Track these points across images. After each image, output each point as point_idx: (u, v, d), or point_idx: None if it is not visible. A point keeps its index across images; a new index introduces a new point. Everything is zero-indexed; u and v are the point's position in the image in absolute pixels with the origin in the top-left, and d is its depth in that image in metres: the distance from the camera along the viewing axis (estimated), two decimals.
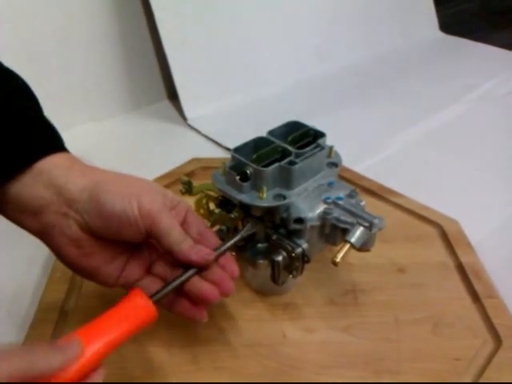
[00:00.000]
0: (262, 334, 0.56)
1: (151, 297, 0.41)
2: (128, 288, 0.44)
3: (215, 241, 0.47)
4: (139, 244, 0.46)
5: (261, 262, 0.53)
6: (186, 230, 0.45)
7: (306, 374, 0.52)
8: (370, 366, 0.52)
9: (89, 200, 0.41)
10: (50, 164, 0.42)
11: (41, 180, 0.41)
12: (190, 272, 0.44)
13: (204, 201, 0.57)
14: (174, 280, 0.43)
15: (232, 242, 0.48)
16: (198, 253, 0.43)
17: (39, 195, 0.41)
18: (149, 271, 0.47)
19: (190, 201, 0.58)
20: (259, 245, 0.53)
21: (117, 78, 1.02)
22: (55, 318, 0.55)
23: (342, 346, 0.55)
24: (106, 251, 0.44)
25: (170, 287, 0.43)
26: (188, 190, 0.59)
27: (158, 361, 0.52)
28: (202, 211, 0.58)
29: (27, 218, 0.42)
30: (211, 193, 0.56)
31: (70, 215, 0.42)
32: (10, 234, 0.69)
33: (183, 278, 0.43)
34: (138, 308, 0.41)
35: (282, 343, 0.55)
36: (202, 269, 0.44)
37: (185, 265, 0.44)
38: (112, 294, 0.58)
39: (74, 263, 0.44)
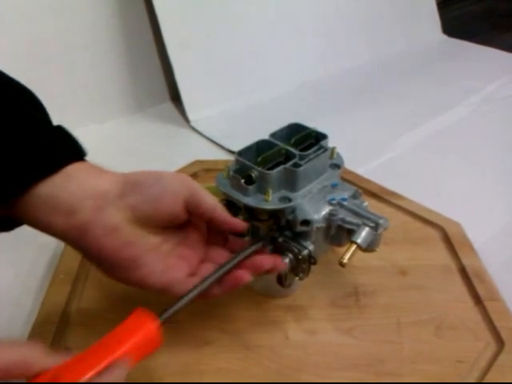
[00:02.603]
0: (265, 335, 0.56)
1: (160, 316, 0.41)
2: (169, 291, 0.44)
3: None
4: (182, 234, 0.47)
5: None
6: None
7: (307, 376, 0.52)
8: (372, 368, 0.52)
9: (124, 185, 0.43)
10: (79, 168, 0.42)
11: (72, 180, 0.41)
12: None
13: None
14: (189, 292, 0.44)
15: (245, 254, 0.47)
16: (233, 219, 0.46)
17: (72, 193, 0.41)
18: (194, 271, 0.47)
19: None
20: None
21: (120, 80, 1.02)
22: (57, 320, 0.55)
23: (345, 348, 0.55)
24: (148, 238, 0.44)
25: (182, 302, 0.43)
26: None
27: (160, 362, 0.52)
28: None
29: (58, 218, 0.41)
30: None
31: (105, 207, 0.41)
32: (14, 236, 0.70)
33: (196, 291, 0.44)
34: (141, 336, 0.39)
35: (285, 345, 0.55)
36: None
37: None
38: (114, 296, 0.59)
39: (114, 255, 0.42)
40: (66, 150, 0.43)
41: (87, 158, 0.44)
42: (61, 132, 0.44)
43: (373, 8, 1.31)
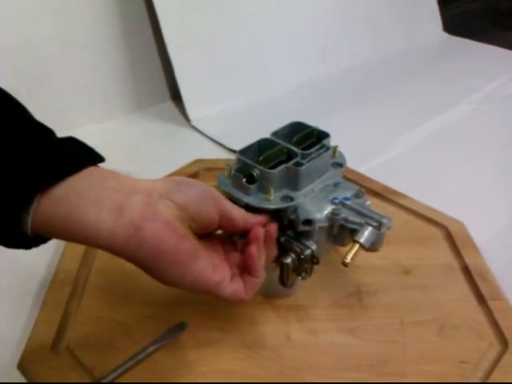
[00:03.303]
0: (266, 335, 0.55)
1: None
2: (218, 291, 0.43)
3: None
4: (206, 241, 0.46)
5: None
6: None
7: (309, 377, 0.51)
8: (375, 369, 0.52)
9: (166, 183, 0.42)
10: (109, 172, 0.41)
11: (109, 179, 0.40)
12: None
13: None
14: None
15: None
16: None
17: (115, 189, 0.39)
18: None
19: None
20: None
21: (120, 79, 1.02)
22: (58, 321, 0.55)
23: (347, 348, 0.54)
24: (195, 235, 0.43)
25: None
26: None
27: (161, 362, 0.52)
28: None
29: (106, 217, 0.38)
30: None
31: (153, 204, 0.40)
32: None
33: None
34: None
35: (286, 345, 0.54)
36: None
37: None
38: (114, 296, 0.59)
39: (175, 248, 0.40)
40: (87, 152, 0.41)
41: None
42: (76, 140, 0.41)
43: (373, 7, 1.30)
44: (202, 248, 0.43)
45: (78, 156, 0.39)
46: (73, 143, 0.40)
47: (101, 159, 0.41)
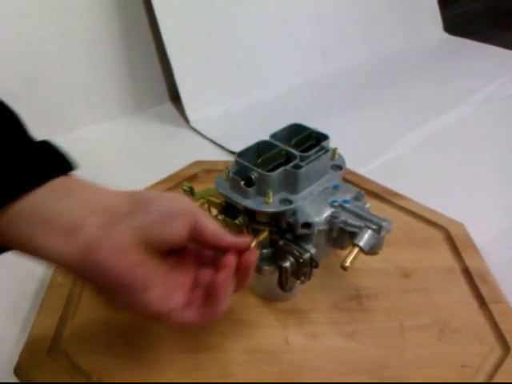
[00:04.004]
0: (265, 340, 0.55)
1: None
2: (167, 319, 0.41)
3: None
4: (175, 257, 0.44)
5: (266, 267, 0.52)
6: None
7: (308, 381, 0.51)
8: (375, 373, 0.52)
9: (132, 202, 0.40)
10: (77, 182, 0.39)
11: (73, 194, 0.38)
12: None
13: (205, 206, 0.56)
14: None
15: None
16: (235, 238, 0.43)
17: (75, 208, 0.37)
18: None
19: None
20: (264, 250, 0.52)
21: (119, 80, 1.01)
22: (55, 324, 0.55)
23: (346, 352, 0.54)
24: (152, 260, 0.40)
25: None
26: (190, 195, 0.58)
27: (159, 367, 0.52)
28: None
29: (58, 237, 0.37)
30: (213, 198, 0.55)
31: (114, 223, 0.38)
32: None
33: None
34: None
35: (285, 349, 0.54)
36: None
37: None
38: None
39: (126, 276, 0.38)
40: (56, 161, 0.39)
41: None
42: (48, 145, 0.39)
43: (373, 6, 1.30)
44: (159, 274, 0.41)
45: (46, 167, 0.38)
46: (44, 149, 0.39)
47: (71, 168, 0.40)
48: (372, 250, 0.49)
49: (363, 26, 1.29)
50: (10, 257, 0.66)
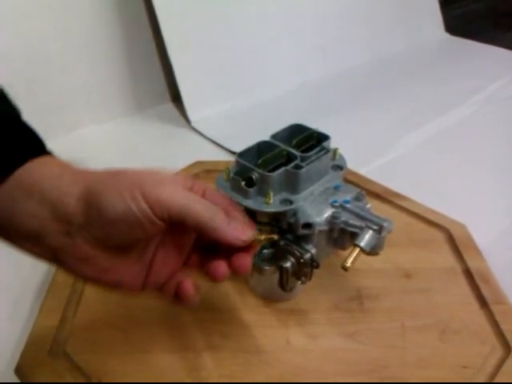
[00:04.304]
0: (266, 340, 0.55)
1: None
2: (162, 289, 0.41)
3: (243, 220, 0.42)
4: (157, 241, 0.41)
5: (267, 268, 0.52)
6: None
7: (309, 382, 0.51)
8: (375, 374, 0.51)
9: (87, 210, 0.36)
10: (38, 174, 0.37)
11: (32, 195, 0.36)
12: None
13: None
14: None
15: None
16: (234, 231, 0.38)
17: (33, 214, 0.36)
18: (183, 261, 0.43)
19: None
20: (265, 250, 0.52)
21: (120, 80, 1.01)
22: (56, 324, 0.55)
23: (347, 352, 0.54)
24: (126, 259, 0.39)
25: None
26: None
27: (159, 367, 0.51)
28: None
29: (28, 243, 0.37)
30: None
31: (72, 233, 0.36)
32: None
33: None
34: None
35: (286, 350, 0.54)
36: None
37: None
38: (114, 299, 0.58)
39: (96, 281, 0.39)
40: (23, 146, 0.38)
41: None
42: (16, 127, 0.39)
43: (374, 7, 1.30)
44: (128, 275, 0.40)
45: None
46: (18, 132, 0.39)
47: (39, 151, 0.39)
48: (373, 251, 0.49)
49: (364, 27, 1.29)
50: (11, 257, 0.66)
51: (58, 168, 0.38)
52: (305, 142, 0.54)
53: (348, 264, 0.47)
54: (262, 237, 0.39)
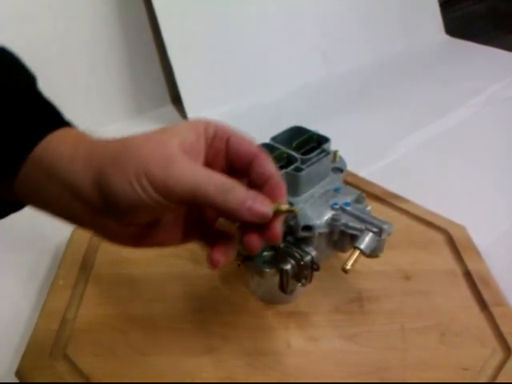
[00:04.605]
0: (266, 342, 0.55)
1: None
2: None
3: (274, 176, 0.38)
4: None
5: (267, 270, 0.52)
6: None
7: (309, 382, 0.51)
8: (376, 376, 0.51)
9: (102, 197, 0.35)
10: (53, 154, 0.36)
11: (51, 177, 0.36)
12: None
13: None
14: None
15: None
16: (251, 208, 0.34)
17: (57, 195, 0.36)
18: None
19: None
20: (265, 253, 0.52)
21: (120, 82, 1.01)
22: (57, 327, 0.55)
23: (348, 355, 0.54)
24: (158, 227, 0.38)
25: None
26: None
27: (160, 369, 0.52)
28: None
29: (66, 219, 0.37)
30: None
31: (96, 211, 0.35)
32: (14, 241, 0.69)
33: None
34: None
35: (287, 352, 0.54)
36: None
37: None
38: (112, 303, 0.58)
39: (134, 247, 0.38)
40: (37, 121, 0.38)
41: None
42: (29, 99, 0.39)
43: (374, 8, 1.30)
44: (165, 236, 0.39)
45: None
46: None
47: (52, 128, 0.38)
48: (373, 253, 0.49)
49: (364, 28, 1.29)
50: (11, 260, 0.66)
51: (71, 147, 0.36)
52: (305, 144, 0.54)
53: (348, 266, 0.47)
54: (284, 208, 0.36)
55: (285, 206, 0.37)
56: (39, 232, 0.70)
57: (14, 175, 0.36)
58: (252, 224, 0.36)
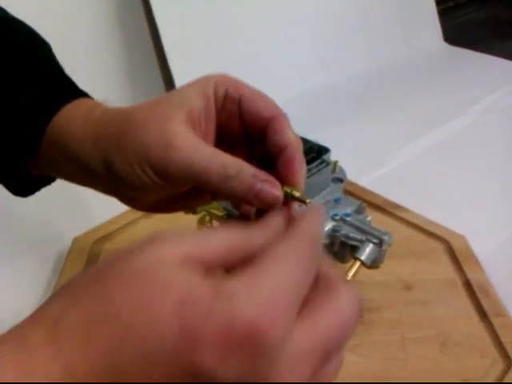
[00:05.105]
0: None
1: None
2: None
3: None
4: None
5: None
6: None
7: None
8: None
9: (113, 180, 0.34)
10: (64, 133, 0.36)
11: (66, 155, 0.36)
12: None
13: (207, 218, 0.56)
14: None
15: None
16: (258, 194, 0.30)
17: (73, 172, 0.36)
18: None
19: (193, 219, 0.57)
20: None
21: (119, 89, 1.02)
22: None
23: (348, 365, 0.52)
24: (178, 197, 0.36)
25: None
26: (192, 211, 0.58)
27: None
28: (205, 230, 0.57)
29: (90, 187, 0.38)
30: (215, 211, 0.55)
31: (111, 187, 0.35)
32: (15, 249, 0.69)
33: None
34: None
35: None
36: None
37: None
38: None
39: (161, 213, 0.39)
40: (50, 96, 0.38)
41: None
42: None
43: (373, 16, 1.30)
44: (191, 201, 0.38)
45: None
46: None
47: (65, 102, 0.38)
48: (374, 264, 0.49)
49: (362, 36, 1.29)
50: (12, 268, 0.66)
51: (80, 125, 0.36)
52: (305, 154, 0.54)
53: (349, 277, 0.47)
54: (296, 194, 0.31)
55: (297, 193, 0.31)
56: (40, 240, 0.70)
57: (36, 153, 0.37)
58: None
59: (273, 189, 0.30)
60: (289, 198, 0.31)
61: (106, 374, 0.22)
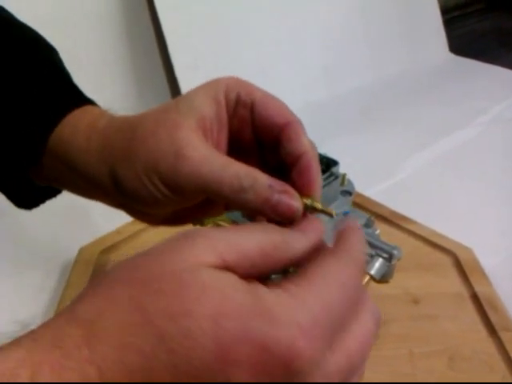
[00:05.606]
0: None
1: None
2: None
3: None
4: None
5: None
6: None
7: None
8: None
9: (121, 195, 0.33)
10: (68, 144, 0.35)
11: (69, 167, 0.35)
12: None
13: None
14: None
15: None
16: (276, 205, 0.28)
17: (78, 185, 0.36)
18: None
19: None
20: (273, 276, 0.52)
21: (127, 100, 1.02)
22: None
23: None
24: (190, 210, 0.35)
25: None
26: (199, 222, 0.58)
27: None
28: None
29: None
30: (222, 223, 0.55)
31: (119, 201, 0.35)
32: (19, 262, 0.69)
33: None
34: None
35: None
36: None
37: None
38: None
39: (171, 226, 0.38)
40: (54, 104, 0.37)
41: None
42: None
43: (378, 26, 1.30)
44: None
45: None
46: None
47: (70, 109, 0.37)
48: (383, 278, 0.49)
49: (367, 47, 1.29)
50: (17, 280, 0.66)
51: (84, 136, 0.35)
52: None
53: None
54: (319, 205, 0.29)
55: (319, 204, 0.29)
56: (46, 250, 0.70)
57: (38, 164, 0.36)
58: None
59: (291, 200, 0.28)
60: (307, 210, 0.29)
61: (137, 382, 0.22)
